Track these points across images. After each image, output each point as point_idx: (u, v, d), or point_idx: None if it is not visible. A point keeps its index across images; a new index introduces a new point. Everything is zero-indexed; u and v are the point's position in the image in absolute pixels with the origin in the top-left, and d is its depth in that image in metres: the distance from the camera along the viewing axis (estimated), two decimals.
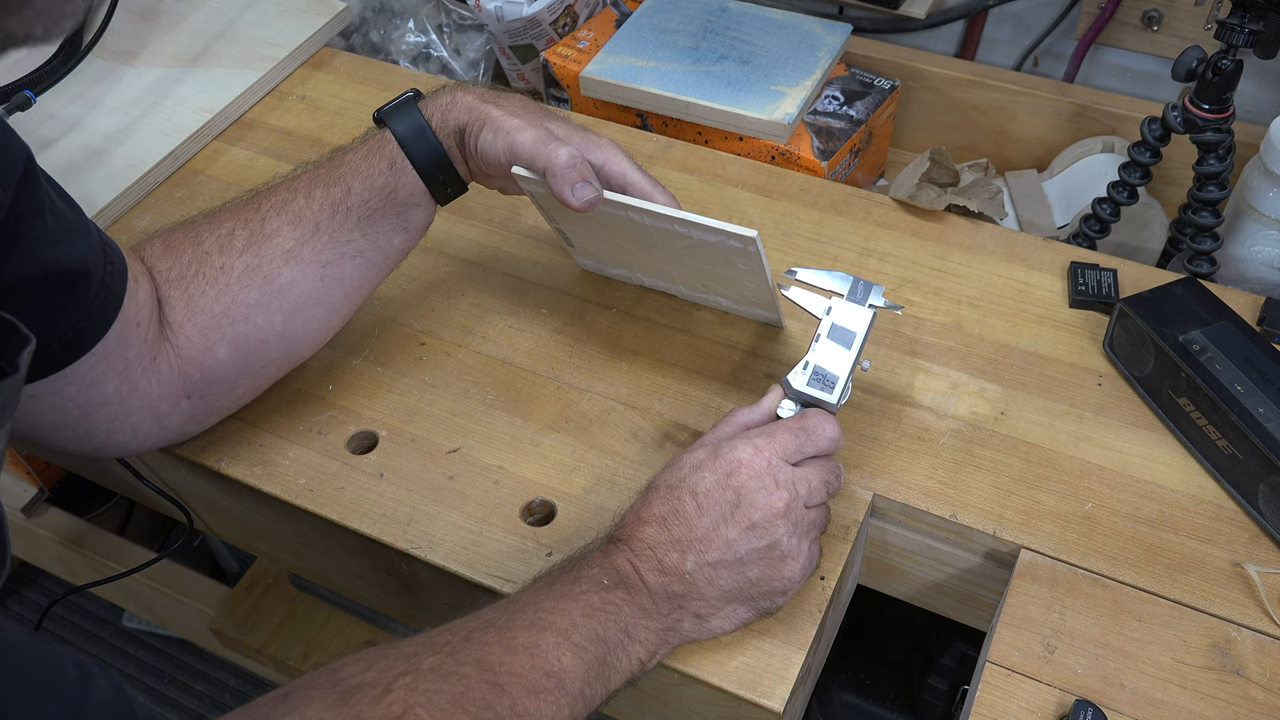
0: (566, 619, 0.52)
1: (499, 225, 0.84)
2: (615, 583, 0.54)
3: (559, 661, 0.50)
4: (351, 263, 0.66)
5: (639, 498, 0.59)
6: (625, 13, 1.03)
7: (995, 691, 0.57)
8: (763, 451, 0.57)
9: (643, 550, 0.55)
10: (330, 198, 0.64)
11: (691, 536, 0.56)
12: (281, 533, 0.76)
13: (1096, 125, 0.96)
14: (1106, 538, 0.63)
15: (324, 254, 0.64)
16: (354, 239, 0.65)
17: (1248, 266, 0.80)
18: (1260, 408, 0.62)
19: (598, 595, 0.53)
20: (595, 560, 0.55)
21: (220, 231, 0.64)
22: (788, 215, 0.84)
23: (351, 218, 0.64)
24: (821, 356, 0.61)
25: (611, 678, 0.53)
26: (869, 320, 0.62)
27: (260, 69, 0.97)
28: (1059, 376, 0.72)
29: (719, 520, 0.56)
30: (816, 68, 0.93)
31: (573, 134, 0.65)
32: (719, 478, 0.56)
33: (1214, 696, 0.57)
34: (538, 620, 0.51)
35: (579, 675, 0.51)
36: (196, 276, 0.63)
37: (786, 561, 0.57)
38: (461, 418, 0.71)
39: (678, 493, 0.57)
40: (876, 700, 1.02)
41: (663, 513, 0.56)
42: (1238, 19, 0.71)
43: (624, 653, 0.53)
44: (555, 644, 0.51)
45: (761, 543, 0.56)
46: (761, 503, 0.56)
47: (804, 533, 0.58)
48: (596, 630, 0.52)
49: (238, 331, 0.63)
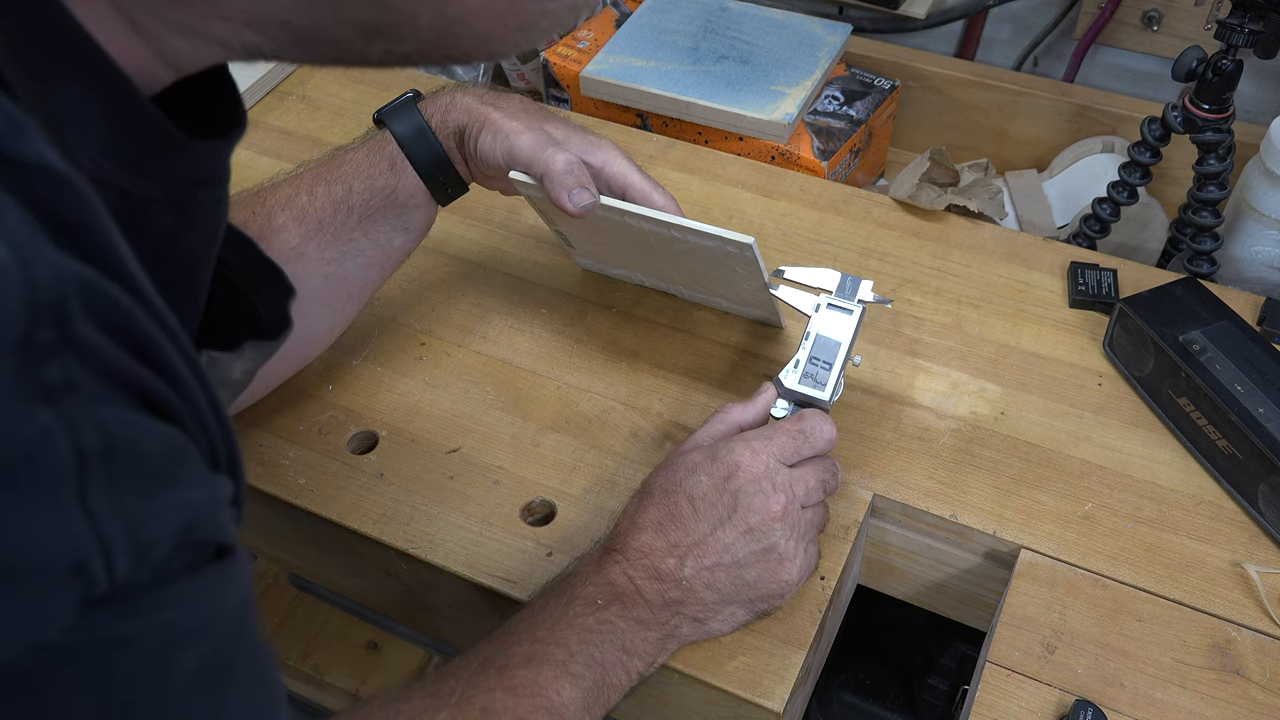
0: (562, 649, 0.52)
1: (499, 225, 0.84)
2: (610, 599, 0.54)
3: (559, 696, 0.50)
4: (354, 261, 0.66)
5: (634, 501, 0.58)
6: (625, 13, 1.03)
7: (995, 691, 0.57)
8: (760, 455, 0.57)
9: (638, 559, 0.55)
10: (332, 196, 0.64)
11: (689, 541, 0.55)
12: (281, 533, 0.76)
13: (1096, 125, 0.96)
14: (1106, 538, 0.63)
15: (327, 251, 0.64)
16: (356, 238, 0.65)
17: (1248, 266, 0.80)
18: (1260, 408, 0.62)
19: (592, 617, 0.53)
20: (589, 577, 0.55)
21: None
22: (788, 215, 0.84)
23: (353, 217, 0.64)
24: (812, 354, 0.61)
25: (610, 697, 0.53)
26: (858, 316, 0.62)
27: (260, 69, 0.97)
28: (1059, 376, 0.72)
29: (716, 524, 0.56)
30: (816, 68, 0.93)
31: (572, 136, 0.65)
32: (716, 481, 0.56)
33: (1214, 696, 0.57)
34: (534, 654, 0.51)
35: (579, 705, 0.51)
36: None
37: (784, 564, 0.57)
38: (461, 418, 0.71)
39: (674, 497, 0.56)
40: (876, 700, 1.02)
41: (659, 517, 0.56)
42: (1238, 19, 0.71)
43: (622, 670, 0.53)
44: (554, 677, 0.51)
45: (759, 546, 0.56)
46: (759, 506, 0.56)
47: (801, 534, 0.58)
48: (593, 655, 0.52)
49: None
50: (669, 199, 0.65)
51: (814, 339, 0.61)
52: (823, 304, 0.63)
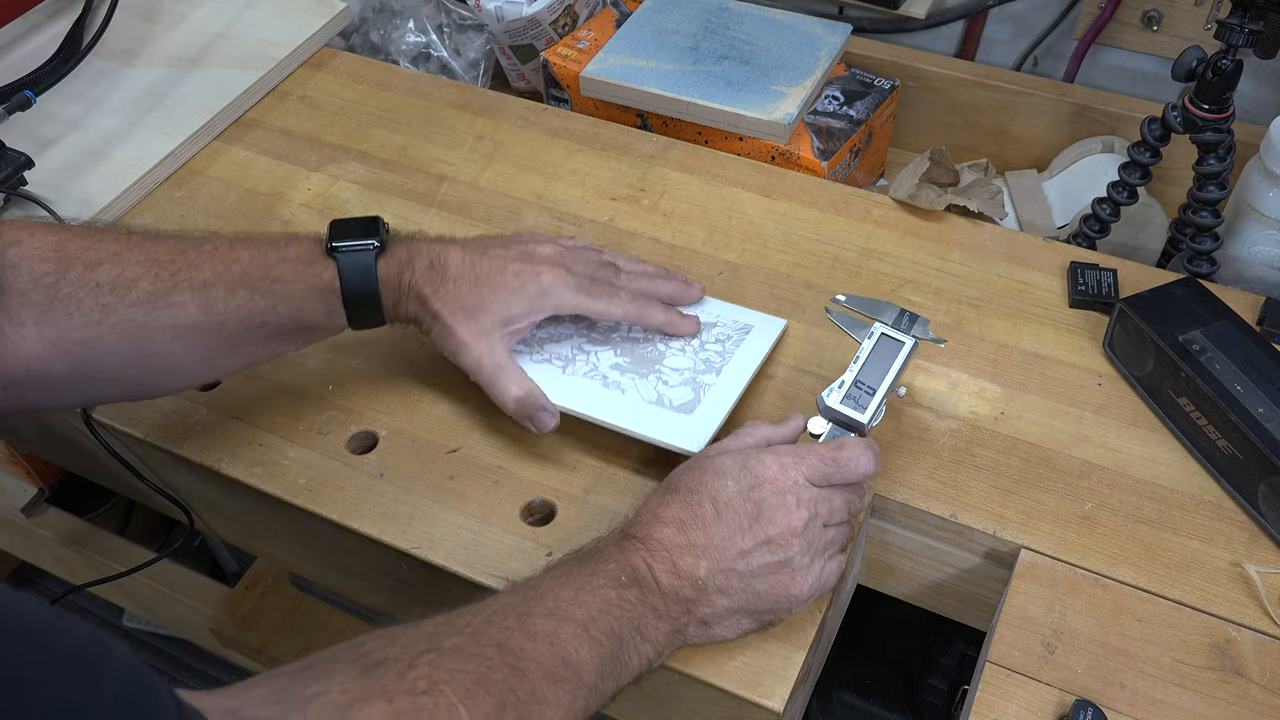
0: (585, 611, 0.52)
1: (499, 225, 0.84)
2: (631, 580, 0.54)
3: (577, 653, 0.50)
4: (240, 358, 0.65)
5: (656, 495, 0.58)
6: (625, 13, 1.03)
7: (995, 691, 0.57)
8: (789, 470, 0.57)
9: (658, 551, 0.55)
10: (252, 307, 0.61)
11: (708, 543, 0.56)
12: (281, 533, 0.76)
13: (1096, 125, 0.96)
14: (1106, 538, 0.63)
15: (216, 346, 0.62)
16: (254, 348, 0.64)
17: (1248, 266, 0.80)
18: (1260, 408, 0.62)
19: (614, 591, 0.53)
20: (611, 555, 0.55)
21: (124, 273, 0.59)
22: (788, 215, 0.84)
23: (263, 332, 0.62)
24: (858, 377, 0.61)
25: (622, 674, 0.53)
26: (909, 347, 0.63)
27: (260, 69, 0.97)
28: (1059, 376, 0.72)
29: (736, 530, 0.56)
30: (816, 68, 0.93)
31: (514, 300, 0.64)
32: (742, 489, 0.56)
33: (1214, 696, 0.57)
34: (557, 610, 0.51)
35: (594, 669, 0.51)
36: (70, 299, 0.58)
37: (795, 580, 0.57)
38: (461, 418, 0.71)
39: (698, 497, 0.56)
40: (876, 700, 1.02)
41: (681, 515, 0.56)
42: (1238, 19, 0.71)
43: (635, 650, 0.53)
44: (574, 635, 0.51)
45: (774, 558, 0.56)
46: (780, 519, 0.56)
47: (819, 551, 0.58)
48: (612, 626, 0.52)
49: (84, 362, 0.59)
50: (639, 307, 0.69)
51: (863, 363, 0.62)
52: (877, 331, 0.63)
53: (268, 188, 0.88)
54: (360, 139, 0.92)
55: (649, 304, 0.70)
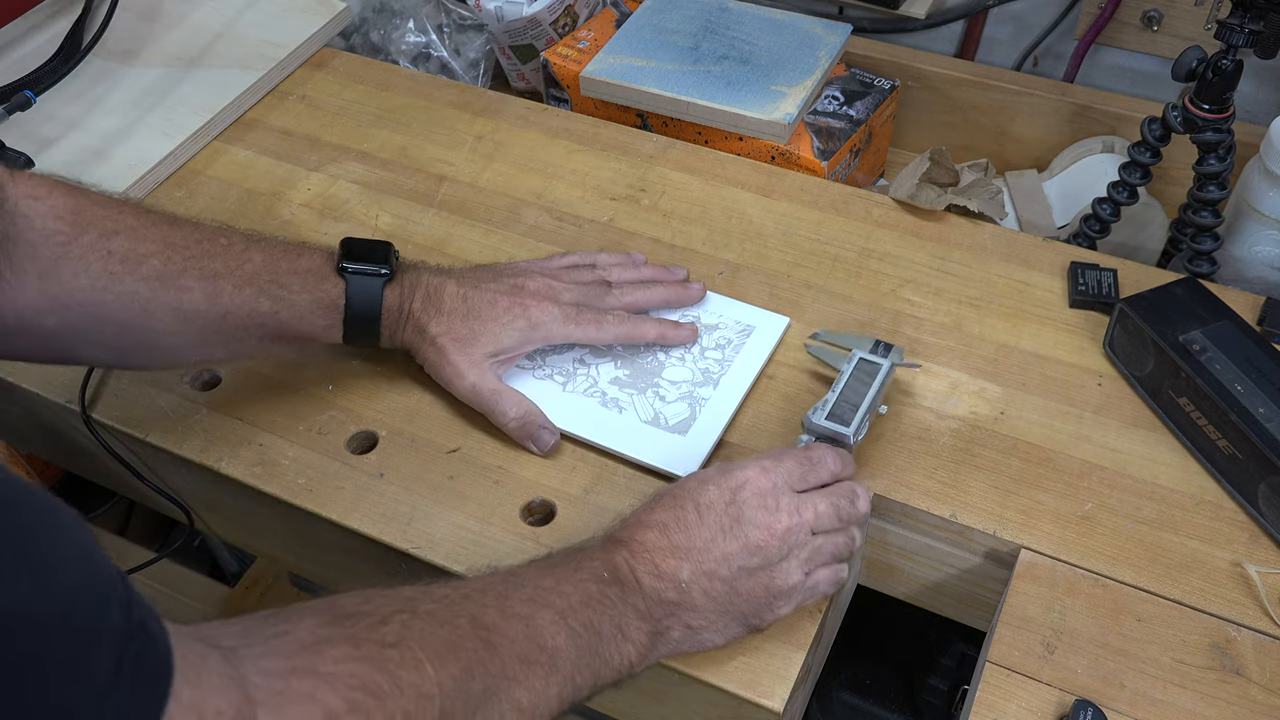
0: (564, 601, 0.52)
1: (499, 225, 0.84)
2: (613, 578, 0.54)
3: (553, 640, 0.50)
4: (232, 350, 0.66)
5: (643, 503, 0.59)
6: (625, 13, 1.03)
7: (995, 691, 0.57)
8: (769, 473, 0.58)
9: (641, 552, 0.56)
10: (256, 308, 0.63)
11: (690, 545, 0.56)
12: (281, 533, 0.76)
13: (1096, 125, 0.96)
14: (1106, 538, 0.63)
15: (213, 335, 0.63)
16: (248, 344, 0.65)
17: (1248, 266, 0.80)
18: (1260, 408, 0.62)
19: (596, 586, 0.53)
20: (595, 554, 0.56)
21: (137, 248, 0.60)
22: (788, 215, 0.84)
23: (261, 332, 0.64)
24: (840, 397, 0.64)
25: (602, 671, 0.53)
26: (886, 369, 0.65)
27: (260, 69, 0.97)
28: (1059, 376, 0.72)
29: (718, 533, 0.56)
30: (816, 68, 0.93)
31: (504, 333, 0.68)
32: (724, 492, 0.57)
33: (1214, 696, 0.57)
34: (536, 596, 0.52)
35: (571, 659, 0.51)
36: (80, 260, 0.59)
37: (777, 582, 0.57)
38: (461, 418, 0.71)
39: (681, 501, 0.57)
40: (876, 700, 1.02)
41: (664, 519, 0.57)
42: (1238, 19, 0.71)
43: (616, 649, 0.53)
44: (551, 621, 0.51)
45: (754, 561, 0.56)
46: (762, 521, 0.56)
47: (807, 558, 0.58)
48: (591, 619, 0.52)
49: (79, 324, 0.60)
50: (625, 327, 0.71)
51: (844, 385, 0.65)
52: (855, 356, 0.66)
53: (268, 188, 0.88)
54: (360, 139, 0.92)
55: (639, 322, 0.72)
